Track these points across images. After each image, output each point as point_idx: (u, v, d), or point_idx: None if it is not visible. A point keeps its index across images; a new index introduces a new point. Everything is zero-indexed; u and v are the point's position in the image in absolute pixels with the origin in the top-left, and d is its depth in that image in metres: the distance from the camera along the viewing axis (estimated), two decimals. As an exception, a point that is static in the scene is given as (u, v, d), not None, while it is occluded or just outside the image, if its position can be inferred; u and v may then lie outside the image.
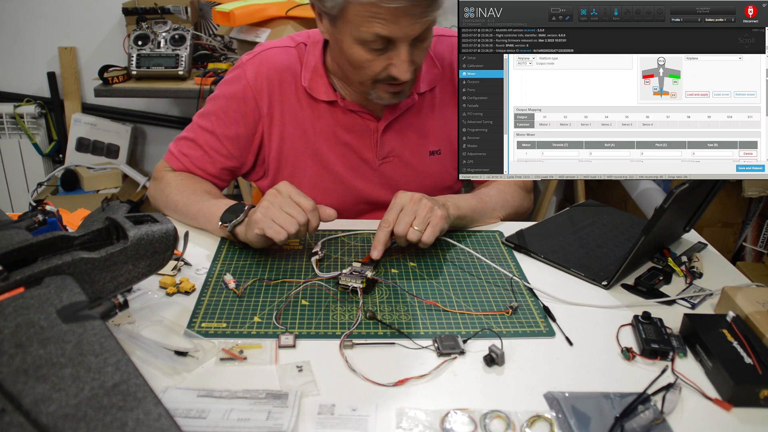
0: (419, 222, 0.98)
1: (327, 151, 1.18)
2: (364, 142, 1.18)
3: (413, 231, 0.97)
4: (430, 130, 1.21)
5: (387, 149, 1.19)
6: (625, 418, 0.69)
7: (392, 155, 1.20)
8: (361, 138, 1.18)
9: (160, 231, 0.81)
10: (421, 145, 1.21)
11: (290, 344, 0.80)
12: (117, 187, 2.68)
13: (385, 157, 1.20)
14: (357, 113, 1.16)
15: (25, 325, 0.63)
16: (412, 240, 0.98)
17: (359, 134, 1.18)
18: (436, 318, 0.88)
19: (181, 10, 2.47)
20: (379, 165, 1.20)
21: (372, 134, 1.18)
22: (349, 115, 1.16)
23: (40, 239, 0.75)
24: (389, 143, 1.19)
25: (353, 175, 1.20)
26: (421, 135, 1.20)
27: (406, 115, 1.19)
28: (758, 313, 0.83)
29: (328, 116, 1.17)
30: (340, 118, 1.17)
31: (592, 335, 0.85)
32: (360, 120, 1.17)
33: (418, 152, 1.21)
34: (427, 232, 0.98)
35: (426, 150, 1.21)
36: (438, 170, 1.23)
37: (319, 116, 1.17)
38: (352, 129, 1.17)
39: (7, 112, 2.70)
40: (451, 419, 0.68)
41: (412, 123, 1.19)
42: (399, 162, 1.21)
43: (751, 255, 2.14)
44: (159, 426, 0.55)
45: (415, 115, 1.19)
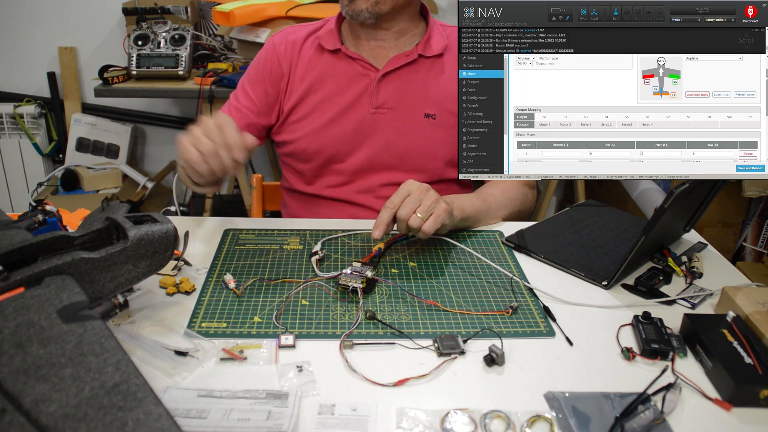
0: (423, 210, 0.98)
1: (327, 96, 1.25)
2: (361, 90, 1.24)
3: (415, 217, 0.97)
4: (429, 93, 1.24)
5: (381, 99, 1.23)
6: (625, 418, 0.69)
7: (386, 107, 1.24)
8: (359, 85, 1.24)
9: (160, 231, 0.81)
10: (417, 105, 1.24)
11: (290, 344, 0.80)
12: (117, 187, 2.68)
13: (378, 106, 1.23)
14: (358, 61, 1.24)
15: (25, 325, 0.63)
16: (412, 226, 0.98)
17: (357, 81, 1.24)
18: (436, 318, 0.88)
19: (181, 10, 2.47)
20: (372, 114, 1.24)
21: (370, 83, 1.23)
22: (351, 63, 1.24)
23: (40, 239, 0.75)
24: (384, 94, 1.23)
25: (348, 121, 1.25)
26: (419, 95, 1.24)
27: (406, 71, 1.24)
28: (758, 313, 0.83)
29: (332, 64, 1.25)
30: (342, 65, 1.25)
31: (592, 335, 0.85)
32: (360, 68, 1.24)
33: (413, 111, 1.24)
34: (428, 222, 0.98)
35: (421, 111, 1.24)
36: (431, 135, 1.25)
37: (325, 64, 1.26)
38: (352, 76, 1.24)
39: (7, 112, 2.70)
40: (451, 419, 0.68)
41: (412, 81, 1.24)
42: (392, 115, 1.24)
43: (751, 255, 2.14)
44: (159, 426, 0.55)
45: (414, 74, 1.24)
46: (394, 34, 1.24)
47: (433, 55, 1.24)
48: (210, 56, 2.44)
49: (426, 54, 1.23)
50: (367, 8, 1.16)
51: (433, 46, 1.24)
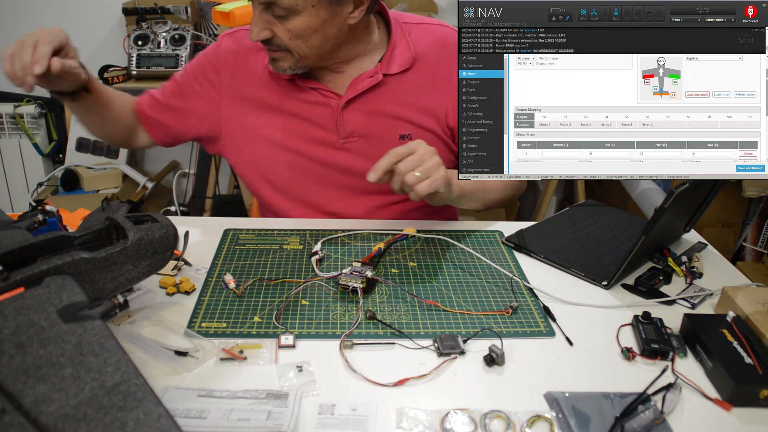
0: (423, 170, 0.97)
1: (289, 126, 1.17)
2: (325, 121, 1.16)
3: (413, 175, 0.96)
4: (401, 113, 1.16)
5: (349, 128, 1.16)
6: (625, 418, 0.69)
7: (356, 135, 1.16)
8: (321, 114, 1.16)
9: (160, 231, 0.81)
10: (390, 129, 1.16)
11: (290, 344, 0.80)
12: (117, 187, 2.67)
13: (347, 136, 1.16)
14: (317, 90, 1.15)
15: (25, 325, 0.63)
16: (407, 182, 0.96)
17: (319, 110, 1.16)
18: (436, 318, 0.88)
19: (181, 10, 2.47)
20: (342, 144, 1.16)
21: (333, 111, 1.15)
22: (309, 92, 1.15)
23: (40, 239, 0.75)
24: (351, 122, 1.15)
25: (315, 152, 1.17)
26: (390, 118, 1.16)
27: (372, 95, 1.15)
28: (758, 313, 0.83)
29: (288, 90, 1.16)
30: (298, 95, 1.16)
31: (592, 335, 0.85)
32: (320, 97, 1.15)
33: (386, 135, 1.16)
34: (424, 182, 0.96)
35: (395, 134, 1.16)
36: None
37: (280, 92, 1.17)
38: (312, 106, 1.16)
39: (7, 112, 2.70)
40: (451, 419, 0.68)
41: (379, 104, 1.15)
42: (364, 143, 1.16)
43: (751, 255, 2.14)
44: (159, 426, 0.55)
45: (381, 97, 1.15)
46: (346, 61, 1.15)
47: (399, 72, 1.15)
48: (210, 56, 2.43)
49: (390, 72, 1.14)
50: (290, 67, 1.09)
51: (398, 61, 1.14)
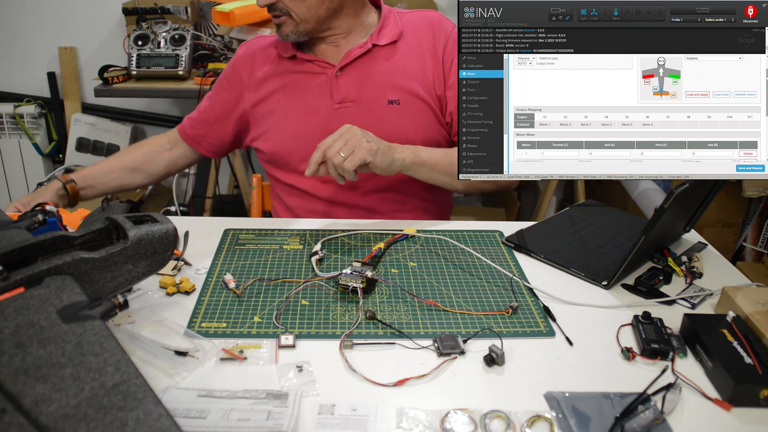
0: (346, 148, 1.04)
1: (289, 99, 1.28)
2: (322, 89, 1.27)
3: (337, 155, 1.03)
4: (388, 80, 1.26)
5: (343, 94, 1.26)
6: (625, 418, 0.69)
7: (348, 101, 1.26)
8: (317, 83, 1.27)
9: (160, 231, 0.81)
10: (379, 94, 1.26)
11: (290, 344, 0.80)
12: (117, 187, 2.67)
13: (341, 101, 1.26)
14: (314, 62, 1.27)
15: (25, 325, 0.63)
16: (334, 163, 1.03)
17: (315, 80, 1.27)
18: (436, 318, 0.88)
19: (181, 10, 2.47)
20: (336, 109, 1.26)
21: (328, 80, 1.26)
22: (307, 65, 1.28)
23: (40, 239, 0.75)
24: (345, 88, 1.26)
25: (313, 121, 1.27)
26: (380, 84, 1.26)
27: (362, 62, 1.26)
28: (758, 313, 0.83)
29: (290, 69, 1.29)
30: (299, 69, 1.29)
31: (592, 335, 0.85)
32: (317, 68, 1.27)
33: (376, 100, 1.26)
34: (348, 159, 1.03)
35: (384, 99, 1.26)
36: (397, 119, 1.26)
37: (283, 70, 1.30)
38: (310, 76, 1.28)
39: (7, 112, 2.70)
40: (451, 419, 0.68)
41: (369, 71, 1.26)
42: (356, 108, 1.26)
43: (751, 255, 2.14)
44: (159, 426, 0.55)
45: (371, 63, 1.26)
46: (342, 34, 1.27)
47: (387, 44, 1.26)
48: (210, 56, 2.43)
49: (379, 43, 1.26)
50: (292, 31, 1.22)
51: (387, 35, 1.26)
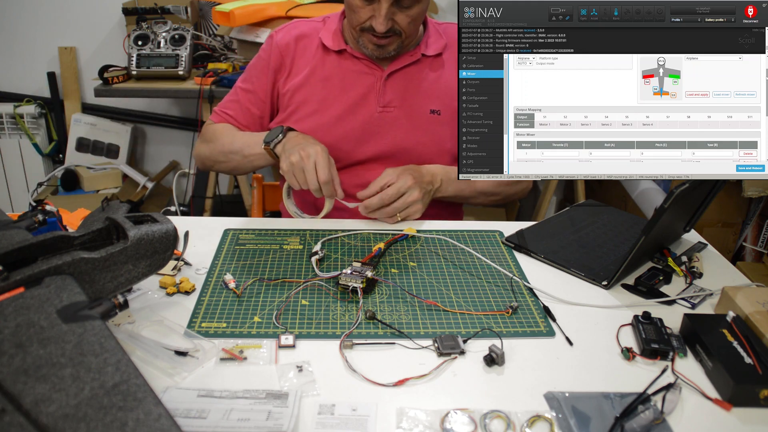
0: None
1: (333, 93, 1.29)
2: (366, 88, 1.28)
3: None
4: (433, 90, 1.29)
5: (388, 98, 1.28)
6: (625, 418, 0.69)
7: (392, 105, 1.28)
8: (364, 83, 1.28)
9: (160, 231, 0.81)
10: (423, 102, 1.29)
11: (290, 344, 0.80)
12: (117, 187, 2.68)
13: (385, 105, 1.28)
14: (362, 61, 1.28)
15: (25, 325, 0.63)
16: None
17: (363, 79, 1.28)
18: (436, 318, 0.88)
19: (181, 10, 2.47)
20: (380, 112, 1.28)
21: (376, 81, 1.28)
22: (356, 62, 1.29)
23: (40, 239, 0.75)
24: (390, 93, 1.28)
25: (355, 120, 1.28)
26: (424, 92, 1.29)
27: (410, 71, 1.29)
28: (758, 313, 0.83)
29: (336, 63, 1.30)
30: (347, 65, 1.29)
31: (592, 335, 0.85)
32: (365, 68, 1.28)
33: (419, 107, 1.29)
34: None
35: (427, 107, 1.29)
36: (436, 129, 1.29)
37: (329, 63, 1.30)
38: (359, 75, 1.29)
39: (7, 112, 2.70)
40: (451, 419, 0.68)
41: (415, 79, 1.29)
42: (399, 113, 1.28)
43: (751, 255, 2.14)
44: (159, 426, 0.55)
45: (418, 72, 1.29)
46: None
47: (434, 54, 1.29)
48: (210, 56, 2.43)
49: (428, 53, 1.29)
50: (395, 48, 1.23)
51: (434, 45, 1.30)
